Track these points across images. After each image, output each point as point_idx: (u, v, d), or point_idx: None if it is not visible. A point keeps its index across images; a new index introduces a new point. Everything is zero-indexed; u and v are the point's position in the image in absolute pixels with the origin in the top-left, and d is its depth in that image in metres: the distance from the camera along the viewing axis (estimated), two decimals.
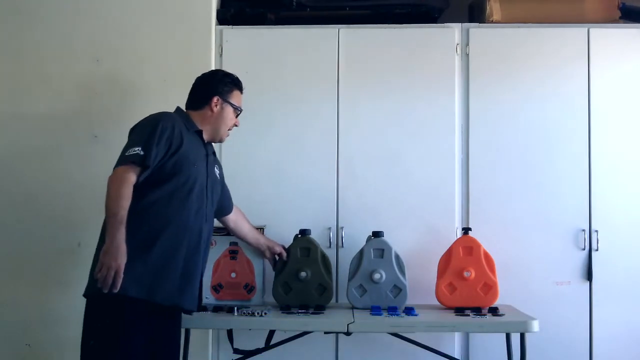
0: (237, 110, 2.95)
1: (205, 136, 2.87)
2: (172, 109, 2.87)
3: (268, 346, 3.15)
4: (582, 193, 3.43)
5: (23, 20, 3.51)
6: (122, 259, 2.48)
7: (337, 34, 3.50)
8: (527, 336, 2.93)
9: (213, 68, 3.47)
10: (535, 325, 2.89)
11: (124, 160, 2.58)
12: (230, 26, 3.56)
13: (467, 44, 3.49)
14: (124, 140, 2.67)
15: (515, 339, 2.97)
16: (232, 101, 2.91)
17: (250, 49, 3.53)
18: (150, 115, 2.76)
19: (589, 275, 3.41)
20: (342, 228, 3.45)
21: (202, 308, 3.10)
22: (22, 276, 3.42)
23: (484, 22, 3.53)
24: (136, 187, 2.57)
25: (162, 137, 2.63)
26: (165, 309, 2.67)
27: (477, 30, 3.51)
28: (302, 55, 3.51)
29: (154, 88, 3.43)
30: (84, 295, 2.63)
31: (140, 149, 2.57)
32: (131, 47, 3.46)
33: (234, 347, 3.18)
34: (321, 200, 3.45)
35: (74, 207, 3.42)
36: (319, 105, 3.49)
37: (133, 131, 2.73)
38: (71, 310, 3.29)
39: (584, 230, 3.42)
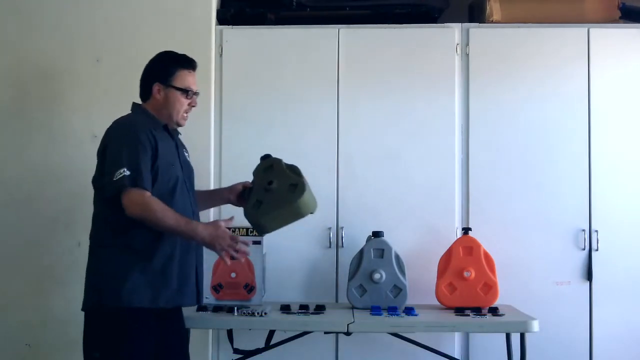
0: (186, 92, 2.69)
1: (169, 125, 2.71)
2: None
3: (268, 346, 3.15)
4: (582, 193, 3.43)
5: (23, 20, 3.51)
6: (222, 234, 2.53)
7: (337, 34, 3.50)
8: (527, 336, 2.93)
9: (213, 68, 3.48)
10: (535, 325, 2.89)
11: (121, 185, 2.47)
12: (230, 26, 3.56)
13: (467, 44, 3.49)
14: None
15: (515, 339, 2.97)
16: (176, 84, 2.68)
17: (250, 49, 3.53)
18: (121, 128, 2.62)
19: (589, 275, 3.41)
20: (342, 228, 3.45)
21: (202, 308, 3.10)
22: (22, 276, 3.42)
23: (484, 22, 3.53)
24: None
25: (145, 150, 2.53)
26: (168, 311, 2.65)
27: (477, 30, 3.51)
28: (302, 55, 3.51)
29: None
30: (83, 309, 2.59)
31: (125, 169, 2.47)
32: (131, 47, 3.46)
33: (234, 347, 3.18)
34: (321, 200, 3.43)
35: (74, 207, 3.41)
36: (319, 105, 3.49)
37: (111, 147, 2.57)
38: (71, 311, 3.29)
39: (584, 230, 3.42)
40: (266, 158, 2.93)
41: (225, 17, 3.59)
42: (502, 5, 3.51)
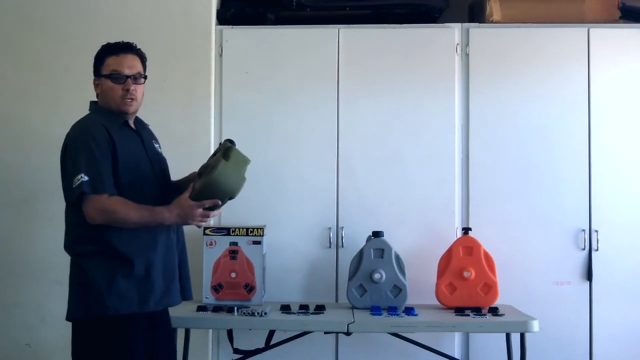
0: (114, 76, 2.53)
1: (127, 118, 2.60)
2: (172, 109, 2.85)
3: (268, 346, 3.15)
4: (582, 193, 3.43)
5: (23, 20, 3.51)
6: (189, 207, 2.45)
7: (337, 34, 3.50)
8: (527, 336, 2.93)
9: (213, 68, 3.48)
10: (535, 325, 2.90)
11: (82, 191, 2.40)
12: (230, 26, 3.56)
13: (467, 44, 3.49)
14: None
15: (515, 339, 2.98)
16: (104, 72, 2.55)
17: (250, 49, 3.53)
18: (77, 131, 2.53)
19: (589, 275, 3.41)
20: (342, 228, 3.45)
21: (202, 308, 3.10)
22: (22, 276, 3.42)
23: (484, 22, 3.53)
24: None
25: (102, 151, 2.45)
26: (156, 314, 2.59)
27: (477, 30, 3.51)
28: (302, 55, 3.51)
29: (154, 88, 3.41)
30: (69, 319, 2.51)
31: (83, 174, 2.40)
32: None
33: (234, 347, 3.18)
34: (321, 200, 3.45)
35: None
36: (319, 105, 3.49)
37: (68, 154, 2.49)
38: None
39: (584, 230, 3.42)
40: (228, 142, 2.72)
41: (225, 17, 3.59)
42: (502, 5, 3.51)
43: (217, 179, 2.51)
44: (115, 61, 2.56)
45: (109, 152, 2.47)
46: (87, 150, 2.45)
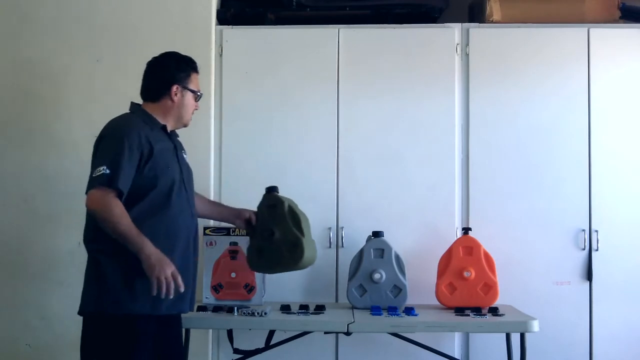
0: (197, 95, 2.77)
1: (170, 126, 2.73)
2: None
3: (268, 346, 3.15)
4: (582, 193, 3.43)
5: (23, 20, 3.51)
6: (167, 263, 2.45)
7: (337, 34, 3.50)
8: (527, 336, 2.93)
9: (213, 68, 3.48)
10: (535, 325, 2.89)
11: (95, 182, 2.48)
12: (230, 26, 3.56)
13: (467, 44, 3.49)
14: None
15: (515, 339, 2.98)
16: (191, 87, 2.74)
17: (250, 49, 3.53)
18: (113, 127, 2.63)
19: (589, 275, 3.41)
20: (342, 228, 3.45)
21: (202, 308, 3.10)
22: (22, 276, 3.43)
23: (484, 22, 3.53)
24: None
25: (132, 151, 2.51)
26: (167, 317, 2.64)
27: (477, 30, 3.51)
28: (302, 55, 3.51)
29: None
30: (81, 314, 2.57)
31: (105, 167, 2.47)
32: (131, 47, 3.46)
33: (234, 347, 3.18)
34: (321, 200, 3.45)
35: (74, 207, 3.40)
36: (319, 105, 3.49)
37: (99, 146, 2.59)
38: (71, 311, 3.29)
39: (584, 230, 3.42)
40: (271, 191, 2.97)
41: (225, 17, 3.59)
42: (502, 5, 3.51)
43: (305, 263, 2.78)
44: (197, 79, 2.78)
45: (139, 153, 2.53)
46: (119, 147, 2.51)
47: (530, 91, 3.47)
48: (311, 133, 3.48)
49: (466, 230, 3.33)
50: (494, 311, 3.10)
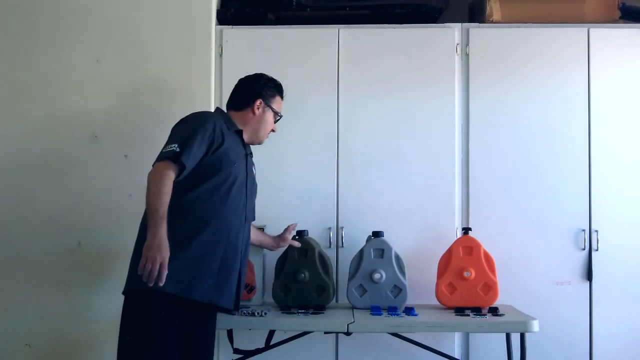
0: (277, 116, 2.97)
1: (245, 137, 2.89)
2: (173, 109, 2.87)
3: (268, 346, 3.15)
4: (582, 193, 3.43)
5: (23, 20, 3.51)
6: (166, 253, 2.46)
7: (337, 34, 3.50)
8: (527, 336, 2.93)
9: (213, 68, 3.48)
10: (535, 325, 2.89)
11: (162, 156, 2.58)
12: (230, 26, 3.56)
13: (467, 44, 3.49)
14: (124, 140, 2.67)
15: (515, 339, 2.97)
16: (273, 106, 2.95)
17: (250, 49, 3.53)
18: (192, 114, 2.79)
19: (589, 275, 3.41)
20: (342, 228, 3.45)
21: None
22: (22, 276, 3.42)
23: (484, 22, 3.53)
24: (177, 183, 2.56)
25: (205, 135, 2.64)
26: (201, 307, 2.67)
27: (477, 30, 3.51)
28: (302, 55, 3.51)
29: (154, 88, 3.43)
30: (123, 293, 2.64)
31: (177, 145, 2.57)
32: (131, 47, 3.46)
33: (234, 347, 3.18)
34: (321, 200, 3.45)
35: (74, 207, 3.42)
36: (319, 105, 3.49)
37: (175, 128, 2.73)
38: (71, 310, 3.29)
39: (584, 230, 3.42)
40: (301, 236, 3.20)
41: (225, 17, 3.59)
42: (502, 5, 3.51)
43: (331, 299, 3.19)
44: (280, 103, 3.00)
45: (210, 140, 2.65)
46: (194, 131, 2.63)
47: (530, 91, 3.47)
48: (311, 133, 3.49)
49: (466, 230, 3.33)
50: (494, 311, 3.10)
